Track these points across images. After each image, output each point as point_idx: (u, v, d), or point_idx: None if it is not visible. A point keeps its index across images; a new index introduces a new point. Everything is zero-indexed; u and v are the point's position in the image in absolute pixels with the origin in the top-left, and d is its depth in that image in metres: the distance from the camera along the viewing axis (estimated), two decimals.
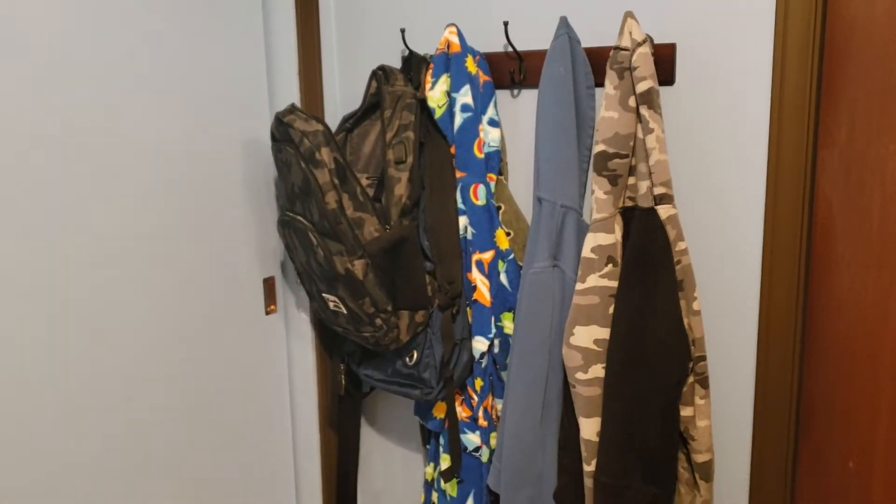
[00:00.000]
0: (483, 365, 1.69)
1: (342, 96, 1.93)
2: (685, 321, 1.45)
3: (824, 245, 1.34)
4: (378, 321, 1.62)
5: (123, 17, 1.45)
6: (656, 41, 1.51)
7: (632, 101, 1.43)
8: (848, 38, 1.24)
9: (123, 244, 1.49)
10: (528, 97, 1.67)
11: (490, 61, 1.68)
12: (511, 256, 1.66)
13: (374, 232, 1.58)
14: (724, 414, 1.58)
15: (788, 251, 1.44)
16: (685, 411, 1.48)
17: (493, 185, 1.66)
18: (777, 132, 1.41)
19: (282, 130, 1.56)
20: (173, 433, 1.64)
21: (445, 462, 1.75)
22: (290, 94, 1.85)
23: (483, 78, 1.65)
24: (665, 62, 1.50)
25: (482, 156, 1.64)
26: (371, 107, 1.73)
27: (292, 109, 1.57)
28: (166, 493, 1.63)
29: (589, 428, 1.51)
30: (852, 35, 1.22)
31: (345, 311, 1.63)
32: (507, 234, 1.67)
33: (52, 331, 1.37)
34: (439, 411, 1.76)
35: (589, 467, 1.51)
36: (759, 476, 1.54)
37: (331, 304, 1.65)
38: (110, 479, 1.50)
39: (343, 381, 1.94)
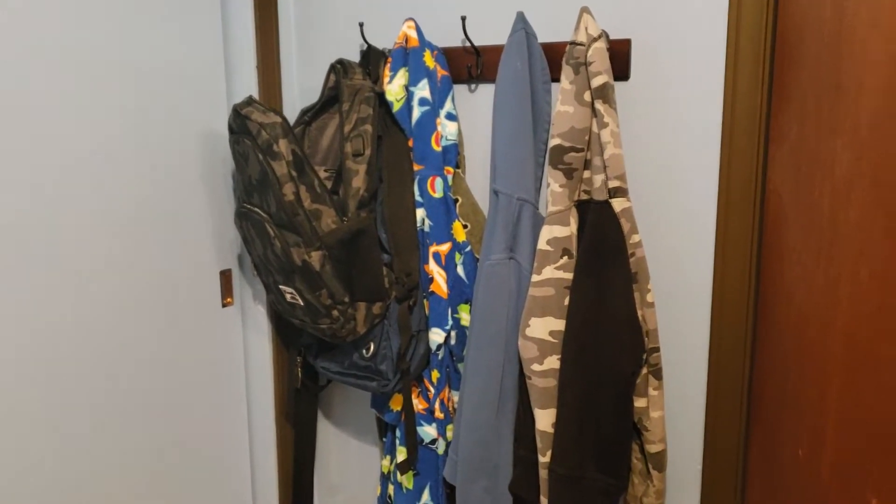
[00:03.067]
0: (440, 357, 1.70)
1: (301, 89, 1.92)
2: (639, 313, 1.47)
3: (775, 237, 1.38)
4: (335, 313, 1.62)
5: (80, 5, 1.43)
6: (612, 37, 1.53)
7: (587, 96, 1.45)
8: (798, 38, 1.27)
9: (78, 236, 1.47)
10: (486, 91, 1.69)
11: (448, 56, 1.69)
12: (468, 249, 1.67)
13: (331, 224, 1.58)
14: (678, 404, 1.61)
15: (740, 243, 1.47)
16: (639, 402, 1.50)
17: (450, 177, 1.67)
18: (729, 128, 1.44)
19: (239, 122, 1.55)
20: (129, 425, 1.62)
21: (402, 454, 1.76)
22: (248, 86, 1.84)
23: (441, 72, 1.66)
24: (620, 57, 1.52)
25: (439, 149, 1.65)
26: (329, 100, 1.73)
27: (250, 101, 1.56)
28: (123, 484, 1.61)
29: (544, 419, 1.52)
30: (802, 35, 1.25)
31: (302, 303, 1.63)
32: (465, 227, 1.68)
33: (5, 325, 1.34)
34: (396, 404, 1.77)
35: (544, 458, 1.53)
36: (712, 465, 1.57)
37: (288, 296, 1.65)
38: (66, 471, 1.48)
39: (300, 374, 1.94)
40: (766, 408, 1.42)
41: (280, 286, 1.64)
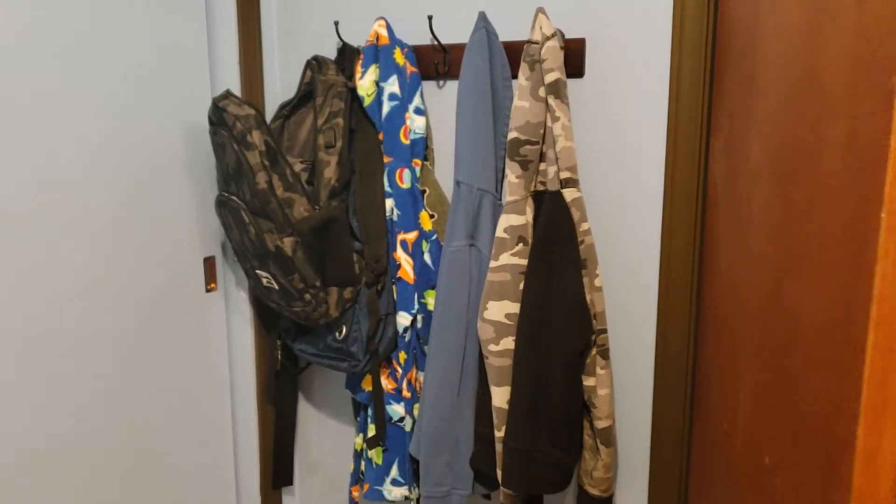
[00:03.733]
0: (407, 339, 1.79)
1: (283, 84, 2.02)
2: (588, 297, 1.57)
3: (713, 225, 1.47)
4: (307, 296, 1.71)
5: (69, 3, 1.53)
6: (569, 36, 1.62)
7: (542, 92, 1.54)
8: (729, 38, 1.36)
9: (65, 224, 1.56)
10: (453, 87, 1.78)
11: (417, 53, 1.78)
12: (434, 237, 1.77)
13: (303, 212, 1.67)
14: (628, 384, 1.70)
15: (684, 230, 1.56)
16: (588, 381, 1.60)
17: (418, 169, 1.77)
18: (674, 122, 1.53)
19: (217, 115, 1.65)
20: (115, 407, 1.72)
21: (371, 431, 1.86)
22: (230, 81, 1.94)
23: (410, 69, 1.75)
24: (575, 55, 1.61)
25: (408, 142, 1.75)
26: (306, 95, 1.82)
27: (227, 95, 1.66)
28: (109, 462, 1.71)
29: (500, 396, 1.62)
30: (731, 34, 1.34)
31: (277, 287, 1.72)
32: (431, 216, 1.77)
33: None
34: (367, 384, 1.86)
35: (499, 433, 1.62)
36: (659, 441, 1.66)
37: (264, 281, 1.74)
38: (52, 454, 1.58)
39: (279, 357, 2.04)
40: (704, 386, 1.51)
41: (257, 271, 1.74)
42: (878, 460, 0.66)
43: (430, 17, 1.73)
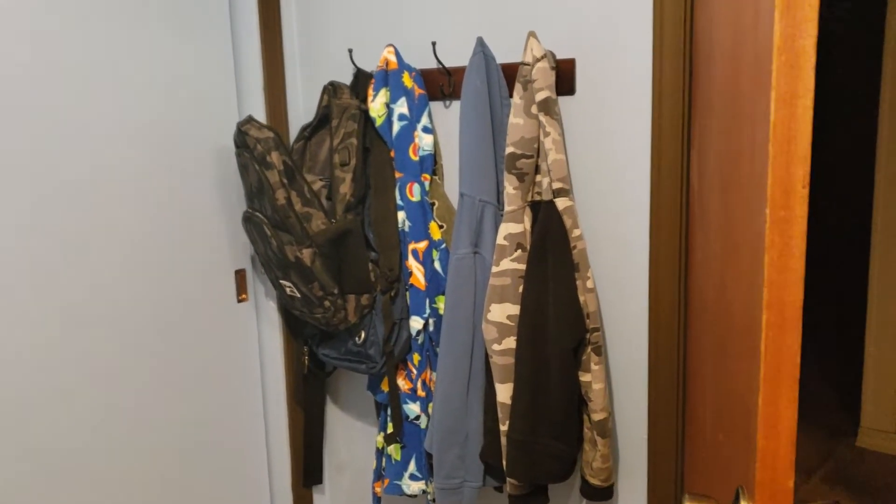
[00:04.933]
0: (420, 342, 1.93)
1: (305, 107, 2.18)
2: (581, 298, 1.68)
3: (693, 228, 1.58)
4: (327, 303, 1.86)
5: (114, 41, 1.72)
6: (560, 56, 1.75)
7: (533, 109, 1.67)
8: (698, 59, 1.48)
9: (108, 243, 1.74)
10: (458, 107, 1.92)
11: (424, 76, 1.92)
12: (443, 246, 1.90)
13: (321, 225, 1.83)
14: (624, 378, 1.80)
15: (669, 234, 1.67)
16: (584, 377, 1.71)
17: (427, 183, 1.91)
18: (657, 134, 1.64)
19: (240, 138, 1.82)
20: (154, 410, 1.89)
21: (390, 429, 1.99)
22: (255, 105, 2.11)
23: (418, 91, 1.90)
24: (566, 75, 1.74)
25: (417, 158, 1.89)
26: (324, 117, 1.98)
27: (249, 120, 1.83)
28: (149, 467, 1.88)
29: (503, 392, 1.74)
30: (699, 56, 1.46)
31: (298, 295, 1.88)
32: (440, 227, 1.91)
33: (42, 324, 1.62)
34: (385, 385, 2.00)
35: (504, 427, 1.74)
36: (655, 432, 1.76)
37: (287, 290, 1.90)
38: (97, 459, 1.75)
39: (307, 362, 2.19)
40: (691, 377, 1.61)
41: (280, 281, 1.90)
42: (777, 426, 0.77)
43: (433, 43, 1.88)
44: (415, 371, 1.95)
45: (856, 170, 3.40)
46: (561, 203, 1.67)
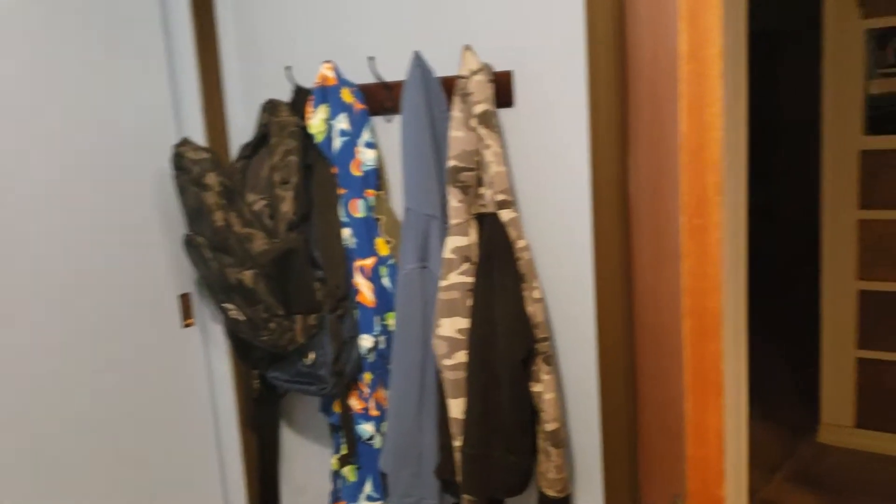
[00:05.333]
0: (371, 360, 1.90)
1: (247, 127, 2.14)
2: (529, 308, 1.67)
3: (633, 237, 1.57)
4: (272, 325, 1.82)
5: (54, 68, 1.67)
6: (498, 70, 1.74)
7: (473, 122, 1.66)
8: (633, 71, 1.48)
9: (46, 272, 1.69)
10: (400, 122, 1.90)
11: (365, 91, 1.90)
12: (391, 261, 1.88)
13: (263, 245, 1.79)
14: (576, 388, 1.79)
15: (612, 243, 1.65)
16: (535, 387, 1.69)
17: (372, 199, 1.88)
18: (596, 144, 1.63)
19: (177, 160, 1.78)
20: (99, 441, 1.83)
21: (344, 450, 1.96)
22: (194, 127, 2.07)
23: (358, 106, 1.88)
24: (504, 87, 1.73)
25: (360, 174, 1.86)
26: (264, 136, 1.95)
27: (185, 142, 1.79)
28: (99, 499, 1.82)
29: (456, 408, 1.72)
30: (632, 63, 1.46)
31: (243, 318, 1.83)
32: (388, 242, 1.89)
33: None
34: (337, 406, 1.97)
35: (457, 442, 1.72)
36: (608, 440, 1.74)
37: (230, 313, 1.86)
38: (40, 490, 1.69)
39: (258, 386, 2.15)
40: (641, 384, 1.60)
41: (223, 304, 1.86)
42: (706, 434, 0.76)
43: (370, 59, 1.86)
44: (367, 390, 1.92)
45: (808, 167, 3.46)
46: (505, 215, 1.66)
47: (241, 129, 2.14)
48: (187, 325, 2.12)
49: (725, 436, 0.73)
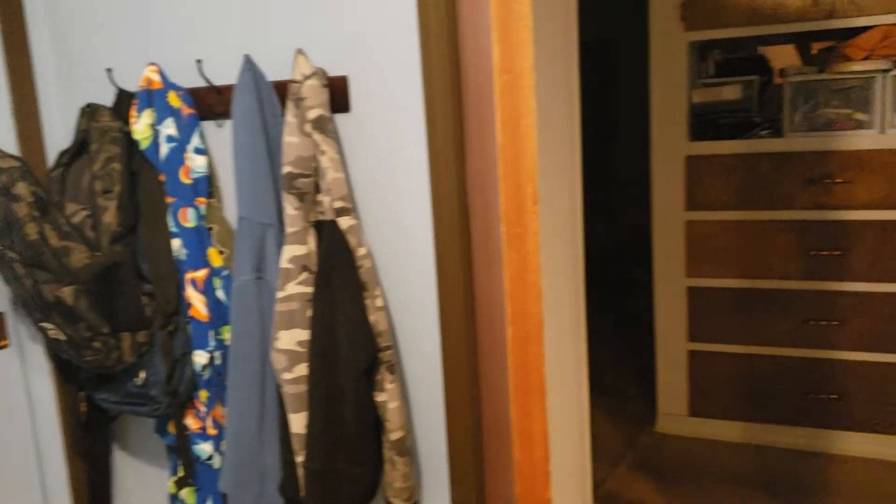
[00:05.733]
0: (206, 377, 1.81)
1: (66, 133, 1.99)
2: (371, 317, 1.64)
3: (474, 242, 1.58)
4: (96, 344, 1.70)
5: None
6: (333, 74, 1.70)
7: (307, 128, 1.61)
8: (466, 79, 1.49)
9: None
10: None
11: (195, 95, 1.81)
12: (225, 273, 1.80)
13: (83, 259, 1.66)
14: (422, 395, 1.78)
15: (453, 248, 1.65)
16: (379, 396, 1.67)
17: (203, 207, 1.80)
18: (434, 149, 1.63)
19: None
20: None
21: (181, 472, 1.85)
22: (4, 134, 1.89)
23: (187, 111, 1.79)
24: (340, 92, 1.69)
25: (189, 181, 1.77)
26: (84, 142, 1.81)
27: None
28: None
29: (297, 422, 1.66)
30: (465, 77, 1.47)
31: (63, 338, 1.70)
32: (221, 253, 1.81)
33: None
34: (173, 427, 1.86)
35: (300, 458, 1.67)
36: (454, 443, 1.75)
37: (50, 333, 1.71)
38: None
39: (85, 409, 1.99)
40: (484, 390, 1.62)
41: (41, 323, 1.71)
42: (531, 437, 0.77)
43: (198, 62, 1.77)
44: (203, 409, 1.83)
45: (643, 171, 3.64)
46: (344, 222, 1.63)
47: (59, 135, 1.99)
48: (1, 347, 1.94)
49: (551, 439, 0.74)
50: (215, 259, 1.79)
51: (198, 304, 1.77)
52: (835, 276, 3.08)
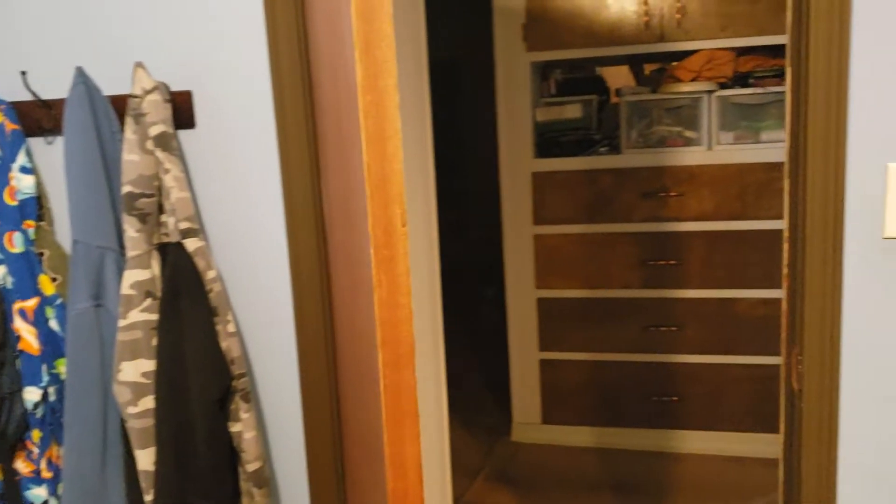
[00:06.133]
0: (39, 415, 1.66)
1: None
2: (223, 343, 1.57)
3: (331, 261, 1.55)
4: None
5: None
6: (177, 89, 1.62)
7: (149, 145, 1.52)
8: (319, 96, 1.46)
9: None
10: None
11: (20, 110, 1.67)
12: (59, 301, 1.66)
13: None
14: (280, 423, 1.72)
15: (309, 269, 1.61)
16: (234, 427, 1.60)
17: (32, 231, 1.66)
18: (287, 166, 1.58)
19: None
20: None
21: None
22: None
23: (10, 126, 1.64)
24: (184, 107, 1.61)
25: (15, 203, 1.63)
26: None
27: None
28: None
29: (145, 459, 1.56)
30: (318, 93, 1.44)
31: None
32: (54, 280, 1.67)
33: None
34: (0, 472, 1.69)
35: (149, 496, 1.56)
36: (315, 471, 1.70)
37: None
38: None
39: None
40: (346, 410, 1.59)
41: None
42: (404, 465, 0.75)
43: (23, 73, 1.64)
44: (36, 450, 1.68)
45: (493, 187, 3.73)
46: (191, 244, 1.55)
47: None
48: None
49: (424, 464, 0.73)
50: (47, 287, 1.65)
51: (28, 337, 1.62)
52: (671, 284, 3.28)
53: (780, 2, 2.94)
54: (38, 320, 1.64)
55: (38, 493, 1.69)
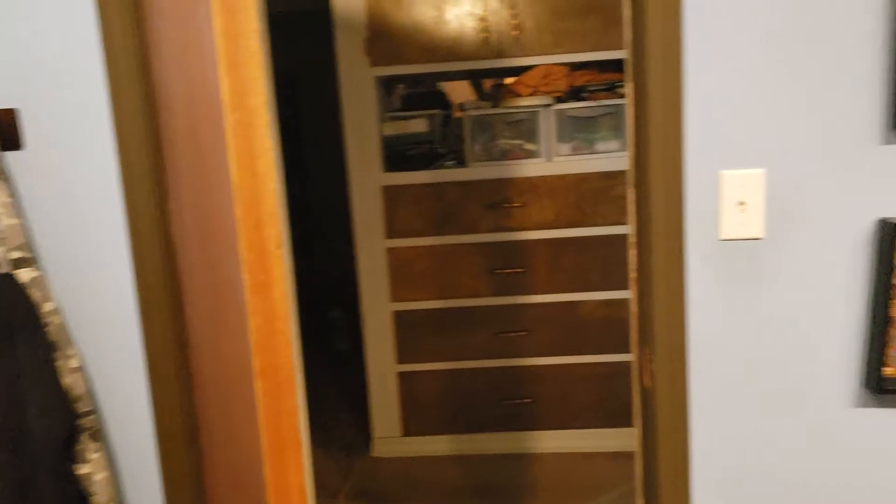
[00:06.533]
0: None
1: None
2: (66, 379, 1.46)
3: (185, 294, 1.48)
4: None
5: None
6: (0, 107, 1.49)
7: None
8: (166, 114, 1.39)
9: None
10: None
11: None
12: None
13: None
14: (133, 459, 1.62)
15: (159, 299, 1.53)
16: (82, 469, 1.49)
17: None
18: (129, 187, 1.50)
19: None
20: None
21: None
22: None
23: None
24: (8, 127, 1.49)
25: None
26: None
27: None
28: None
29: None
30: (164, 110, 1.37)
31: None
32: None
33: None
34: None
35: None
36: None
37: None
38: None
39: None
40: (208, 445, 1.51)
41: None
42: (288, 494, 0.72)
43: None
44: None
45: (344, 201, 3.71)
46: (24, 275, 1.43)
47: None
48: None
49: (307, 491, 0.70)
50: None
51: None
52: (519, 290, 3.40)
53: (610, 19, 3.13)
54: None
55: None
